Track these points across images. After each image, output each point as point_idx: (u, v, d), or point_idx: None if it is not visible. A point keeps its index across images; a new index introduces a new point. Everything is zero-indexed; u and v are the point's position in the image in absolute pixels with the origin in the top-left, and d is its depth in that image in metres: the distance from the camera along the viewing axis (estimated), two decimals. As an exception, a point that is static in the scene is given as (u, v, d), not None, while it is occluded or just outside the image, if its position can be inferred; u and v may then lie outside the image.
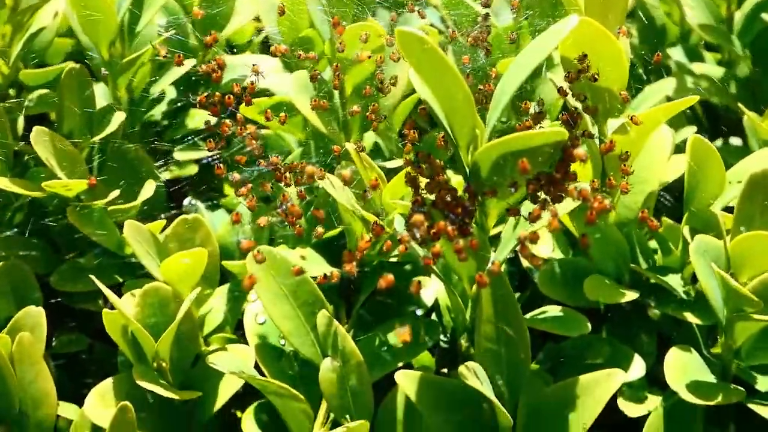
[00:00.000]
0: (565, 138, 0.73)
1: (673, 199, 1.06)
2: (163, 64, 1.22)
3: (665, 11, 1.40)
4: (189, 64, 1.15)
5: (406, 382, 0.83)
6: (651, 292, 0.99)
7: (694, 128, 1.17)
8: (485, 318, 0.81)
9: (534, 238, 0.71)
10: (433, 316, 1.02)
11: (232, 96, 0.79)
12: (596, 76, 0.83)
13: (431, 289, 1.00)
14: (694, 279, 1.01)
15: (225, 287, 1.03)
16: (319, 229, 0.81)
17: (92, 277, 0.83)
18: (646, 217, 0.76)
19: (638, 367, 0.92)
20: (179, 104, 1.20)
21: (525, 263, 1.06)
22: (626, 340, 0.97)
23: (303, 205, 0.84)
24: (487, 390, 0.75)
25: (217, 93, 0.79)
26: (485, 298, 0.81)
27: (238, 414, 1.05)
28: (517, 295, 1.01)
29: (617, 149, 0.86)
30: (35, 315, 0.90)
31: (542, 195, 0.75)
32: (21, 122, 1.13)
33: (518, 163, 0.71)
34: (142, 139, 1.15)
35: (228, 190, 1.17)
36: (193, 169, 1.15)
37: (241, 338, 1.01)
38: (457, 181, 0.92)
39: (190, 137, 1.17)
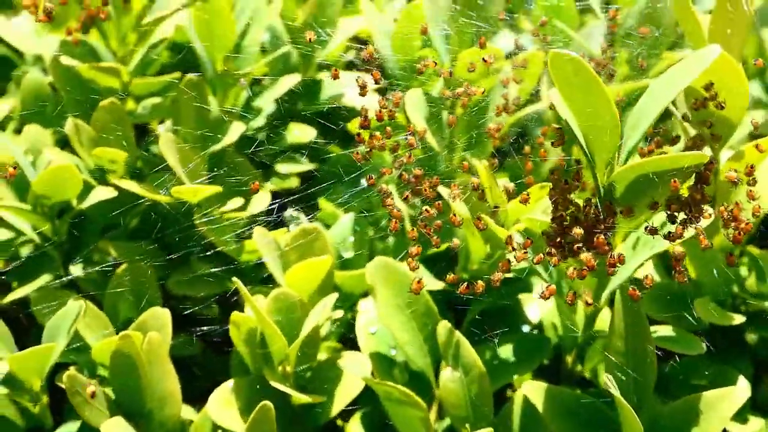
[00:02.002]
0: (706, 161, 0.76)
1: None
2: (258, 80, 1.26)
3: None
4: (294, 79, 1.18)
5: (533, 393, 0.86)
6: (749, 317, 1.02)
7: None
8: (617, 333, 0.84)
9: (681, 256, 0.75)
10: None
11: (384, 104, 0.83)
12: (722, 105, 0.86)
13: (536, 307, 1.03)
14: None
15: (333, 296, 1.05)
16: (437, 239, 0.84)
17: (236, 280, 0.86)
18: None
19: (744, 388, 0.94)
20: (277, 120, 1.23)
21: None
22: (724, 363, 1.00)
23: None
24: (623, 401, 0.78)
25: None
26: (617, 314, 0.84)
27: (339, 423, 1.07)
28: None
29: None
30: (161, 316, 0.93)
31: (680, 215, 0.78)
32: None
33: (666, 183, 0.75)
34: (242, 151, 1.18)
35: (324, 203, 1.19)
36: (294, 182, 1.18)
37: (344, 347, 1.05)
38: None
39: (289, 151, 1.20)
